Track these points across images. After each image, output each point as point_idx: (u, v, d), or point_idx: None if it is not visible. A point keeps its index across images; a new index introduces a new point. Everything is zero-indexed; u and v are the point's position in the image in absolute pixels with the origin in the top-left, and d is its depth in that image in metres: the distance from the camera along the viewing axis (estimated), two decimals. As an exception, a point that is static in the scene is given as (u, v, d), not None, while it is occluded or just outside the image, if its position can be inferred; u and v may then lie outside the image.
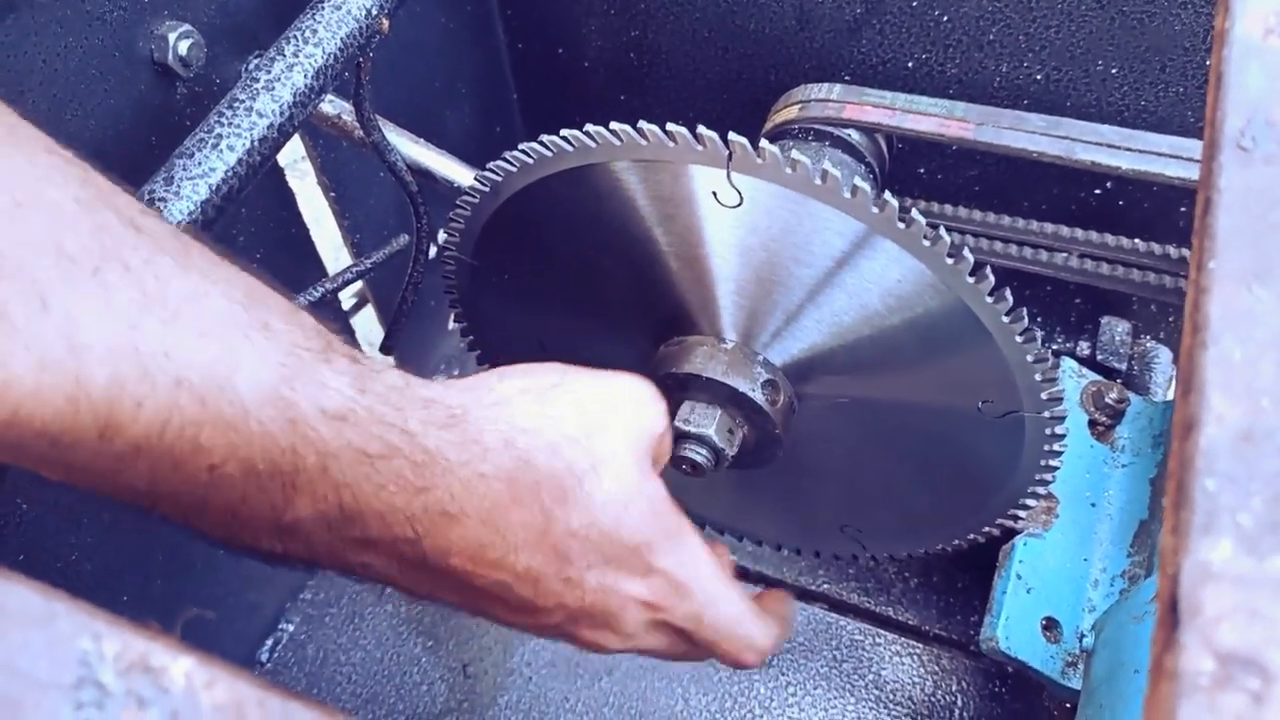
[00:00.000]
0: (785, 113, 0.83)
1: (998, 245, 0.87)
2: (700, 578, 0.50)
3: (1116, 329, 0.92)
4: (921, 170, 0.96)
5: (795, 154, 0.55)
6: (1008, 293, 0.57)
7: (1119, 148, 0.74)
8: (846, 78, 0.91)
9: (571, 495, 0.45)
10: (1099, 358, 0.91)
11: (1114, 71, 0.83)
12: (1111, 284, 0.84)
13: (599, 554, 0.47)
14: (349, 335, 0.92)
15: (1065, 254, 0.85)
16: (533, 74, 1.07)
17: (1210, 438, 0.28)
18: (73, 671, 0.25)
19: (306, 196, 0.83)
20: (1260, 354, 0.29)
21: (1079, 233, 0.85)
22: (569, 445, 0.46)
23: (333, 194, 0.84)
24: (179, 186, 0.51)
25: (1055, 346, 1.00)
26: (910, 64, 0.88)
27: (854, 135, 0.82)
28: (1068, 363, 0.79)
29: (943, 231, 0.55)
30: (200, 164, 0.52)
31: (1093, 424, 0.76)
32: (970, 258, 0.55)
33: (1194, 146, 0.73)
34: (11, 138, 0.34)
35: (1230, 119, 0.35)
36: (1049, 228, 0.86)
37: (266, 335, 0.38)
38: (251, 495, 0.38)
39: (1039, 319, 1.05)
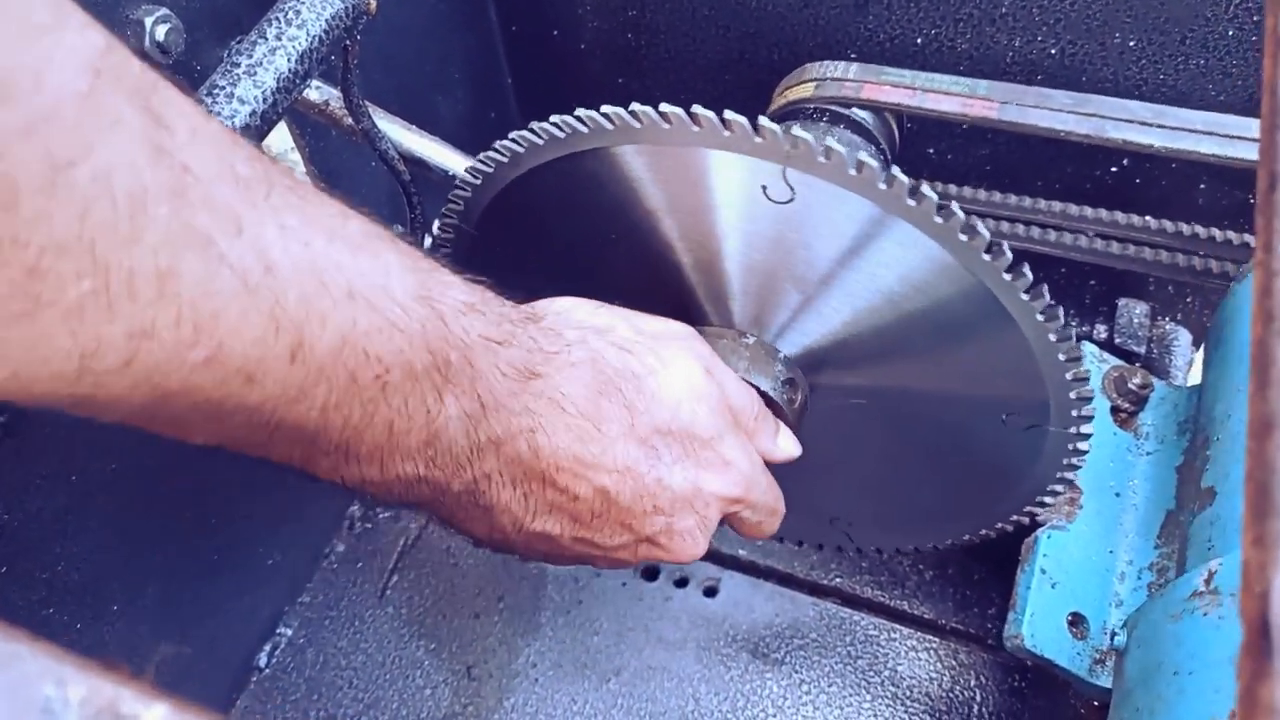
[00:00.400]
0: (797, 91, 0.80)
1: (1012, 227, 0.84)
2: (758, 469, 0.56)
3: (1134, 311, 0.90)
4: (931, 150, 0.93)
5: (797, 131, 0.52)
6: (1027, 269, 0.54)
7: (1151, 125, 0.71)
8: (853, 55, 0.88)
9: (647, 389, 0.49)
10: (1117, 341, 0.88)
11: (1132, 44, 0.80)
12: (1128, 264, 0.82)
13: (681, 448, 0.51)
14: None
15: (1080, 234, 0.82)
16: (527, 57, 1.04)
17: (1294, 437, 0.25)
18: (35, 719, 0.23)
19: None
20: (1343, 343, 0.26)
21: (1094, 212, 0.82)
22: (635, 345, 0.51)
23: (323, 185, 0.81)
24: (157, 178, 0.48)
25: (1075, 331, 0.97)
26: (919, 40, 0.85)
27: (863, 115, 0.79)
28: (1088, 347, 0.77)
29: (956, 208, 0.52)
30: (180, 154, 0.49)
31: (1115, 410, 0.74)
32: (985, 233, 0.52)
33: (1230, 122, 0.70)
34: (153, 78, 0.34)
35: (1295, 82, 0.33)
36: (1063, 207, 0.83)
37: (395, 246, 0.41)
38: (410, 401, 0.41)
39: (1055, 301, 1.02)
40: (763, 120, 0.52)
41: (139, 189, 0.31)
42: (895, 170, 0.52)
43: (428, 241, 0.74)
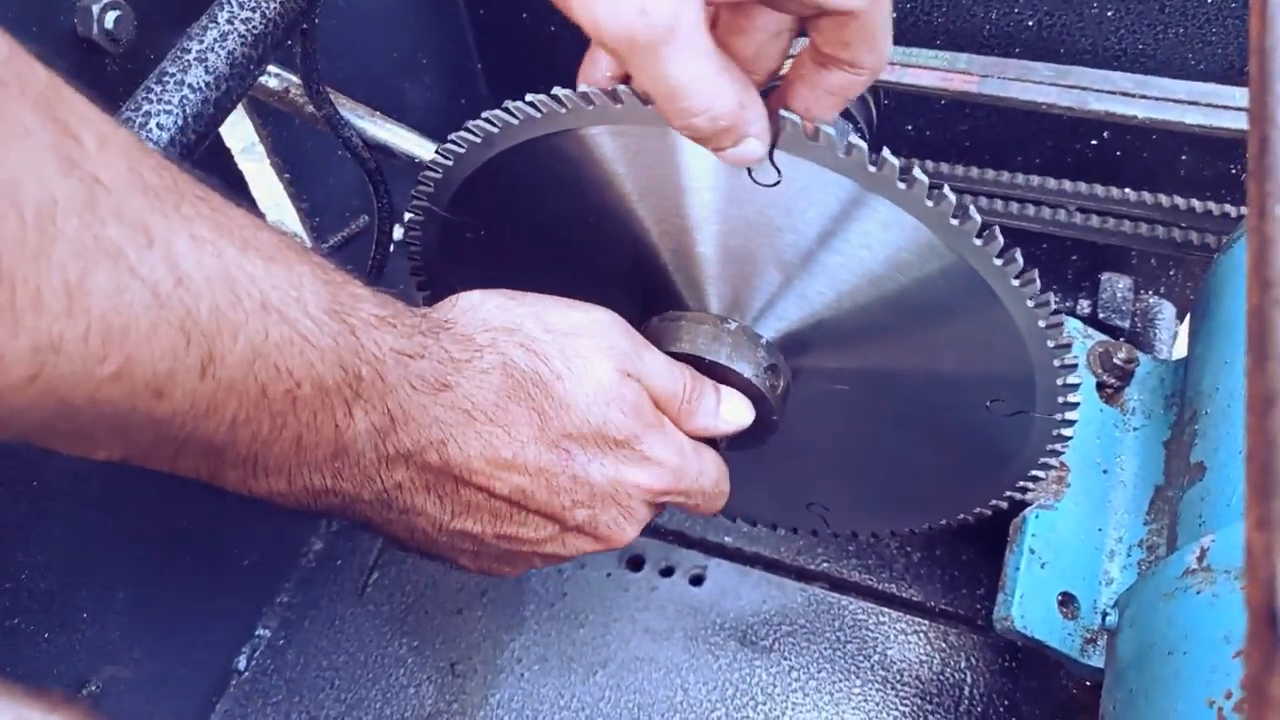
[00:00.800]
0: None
1: (991, 202, 0.83)
2: (687, 457, 0.55)
3: (1117, 285, 0.89)
4: (909, 127, 0.92)
5: (782, 112, 0.50)
6: (1018, 253, 0.53)
7: (1134, 95, 0.70)
8: (827, 31, 0.86)
9: (555, 394, 0.49)
10: (1101, 316, 0.87)
11: (1109, 14, 0.78)
12: (1110, 238, 0.80)
13: (596, 448, 0.50)
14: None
15: (1061, 209, 0.81)
16: (497, 41, 1.01)
17: (1296, 413, 0.24)
18: (-44, 755, 0.21)
19: (261, 180, 0.78)
20: (1344, 312, 0.25)
21: (1075, 185, 0.81)
22: (545, 345, 0.49)
23: (288, 175, 0.79)
24: (105, 171, 0.46)
25: (1058, 306, 0.96)
26: (894, 14, 0.84)
27: (839, 91, 0.78)
28: (1072, 323, 0.75)
29: (948, 190, 0.50)
30: (129, 145, 0.47)
31: (1101, 386, 0.73)
32: (977, 217, 0.51)
33: (1213, 91, 0.69)
34: (58, 85, 0.33)
35: (1282, 44, 0.31)
36: (1043, 181, 0.82)
37: (306, 257, 0.40)
38: (320, 415, 0.41)
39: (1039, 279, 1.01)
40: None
41: (48, 201, 0.30)
42: (886, 152, 0.50)
43: (398, 231, 0.72)
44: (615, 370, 0.51)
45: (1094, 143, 0.86)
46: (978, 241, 0.52)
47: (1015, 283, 0.53)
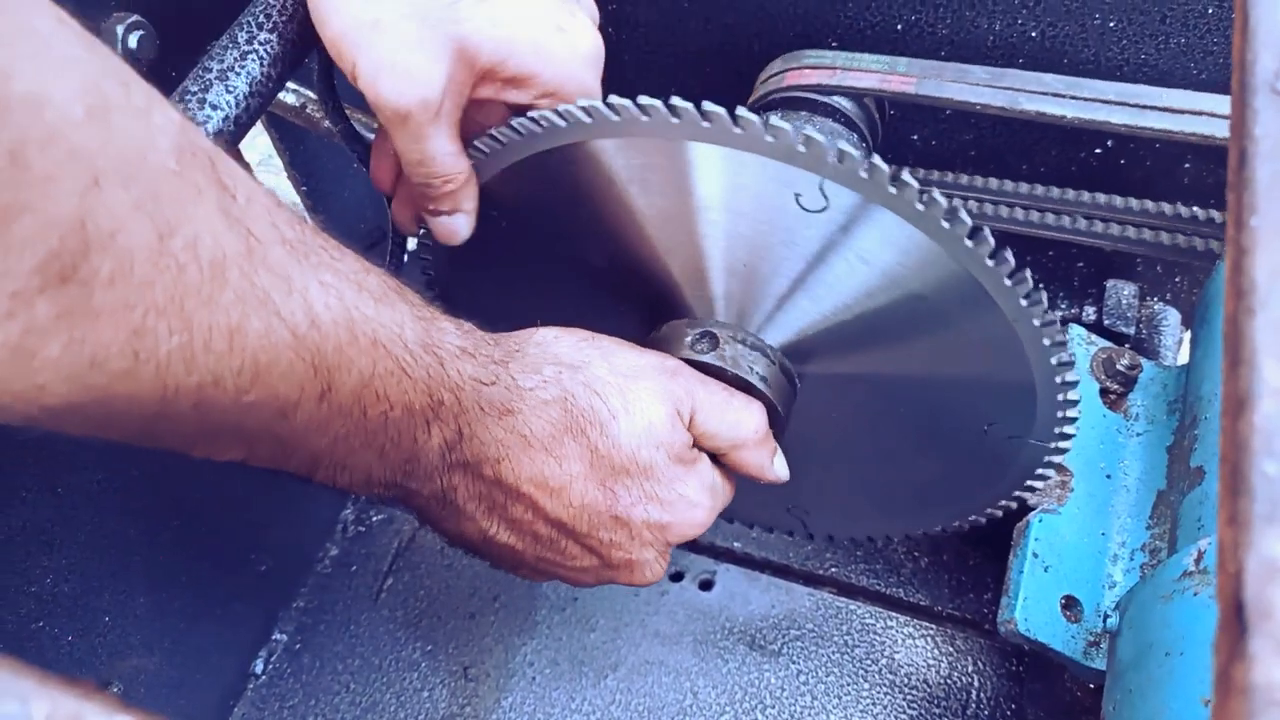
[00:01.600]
0: (767, 85, 0.80)
1: (999, 210, 0.84)
2: (719, 499, 0.58)
3: (1123, 292, 0.89)
4: (915, 136, 0.93)
5: (775, 121, 0.52)
6: (1009, 254, 0.54)
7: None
8: (834, 44, 0.88)
9: (609, 433, 0.52)
10: (1106, 322, 0.88)
11: (1111, 25, 0.79)
12: (1115, 244, 0.81)
13: (641, 490, 0.53)
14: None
15: (1068, 217, 0.82)
16: (508, 55, 1.03)
17: (1267, 415, 0.25)
18: (-1, 738, 0.22)
19: (278, 192, 0.79)
20: (1316, 318, 0.26)
21: (1081, 194, 0.82)
22: (603, 384, 0.52)
23: (304, 188, 0.81)
24: (129, 186, 0.48)
25: (1061, 313, 0.97)
26: (899, 26, 0.85)
27: (844, 102, 0.79)
28: (1075, 330, 0.76)
29: (937, 194, 0.52)
30: (151, 161, 0.49)
31: (1104, 392, 0.74)
32: (967, 220, 0.52)
33: (1200, 100, 0.70)
34: (214, 147, 0.37)
35: (1262, 60, 0.32)
36: (1049, 190, 0.83)
37: (403, 298, 0.45)
38: (404, 432, 0.45)
39: (1041, 285, 1.02)
40: (740, 110, 0.52)
41: (219, 254, 0.34)
42: (875, 158, 0.52)
43: (412, 243, 0.74)
44: (668, 414, 0.54)
45: (1098, 151, 0.87)
46: (969, 243, 0.53)
47: (1008, 283, 0.54)
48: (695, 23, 0.92)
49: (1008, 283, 0.54)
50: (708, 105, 0.53)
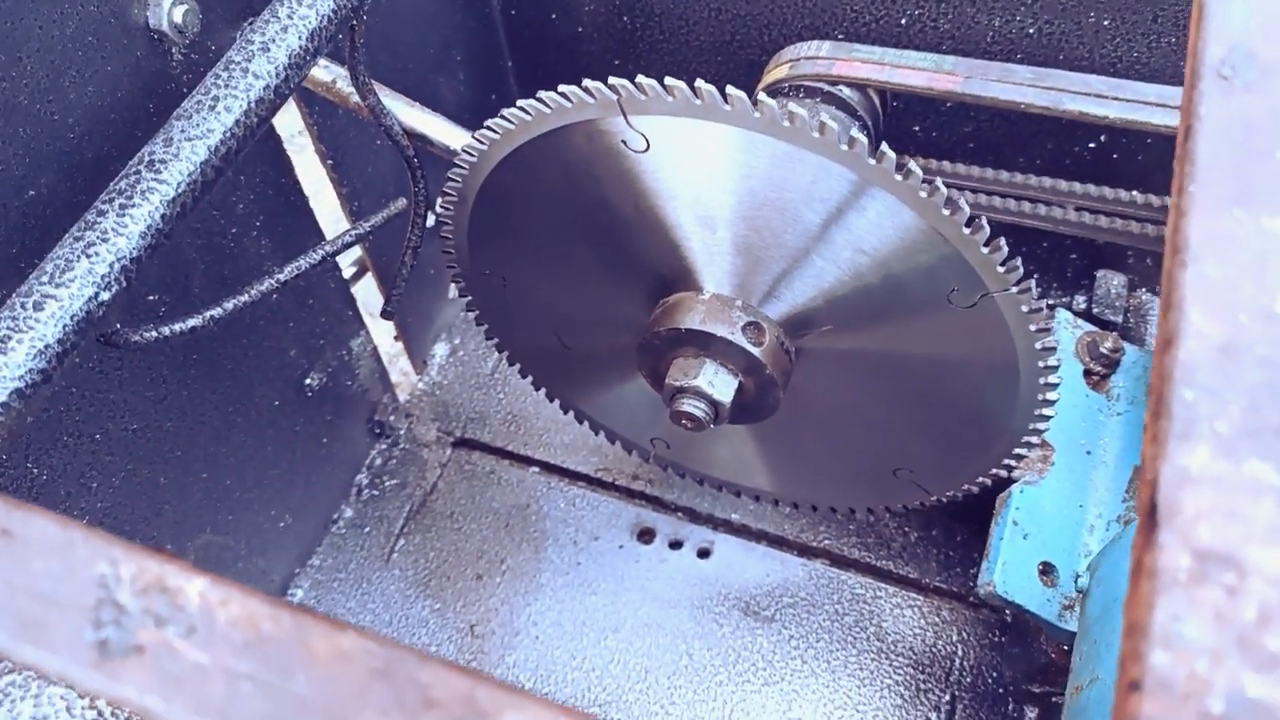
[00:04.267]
0: (776, 72, 0.84)
1: (995, 200, 0.87)
2: None
3: (1112, 282, 0.93)
4: (916, 128, 0.96)
5: (793, 107, 0.55)
6: (1003, 242, 0.57)
7: (1107, 97, 0.74)
8: (840, 35, 0.91)
9: None
10: (1095, 311, 0.91)
11: (1106, 23, 0.83)
12: (1108, 236, 0.85)
13: None
14: (345, 299, 0.93)
15: (1061, 208, 0.85)
16: (527, 40, 1.07)
17: (1190, 351, 0.28)
18: (92, 594, 0.26)
19: (305, 165, 0.83)
20: (1240, 273, 0.30)
21: (1075, 186, 0.85)
22: None
23: (330, 161, 0.85)
24: (178, 148, 0.52)
25: (1052, 300, 1.01)
26: (903, 20, 0.88)
27: (847, 92, 0.83)
28: (1063, 314, 0.80)
29: (939, 183, 0.55)
30: (198, 125, 0.53)
31: (1088, 373, 0.77)
32: (965, 208, 0.56)
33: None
34: None
35: (1211, 48, 0.36)
36: (1045, 181, 0.86)
37: None
38: None
39: (1035, 274, 1.06)
40: (761, 95, 0.56)
41: None
42: (884, 146, 0.55)
43: (430, 219, 0.77)
44: None
45: (1091, 145, 0.91)
46: (967, 230, 0.56)
47: (1000, 269, 0.58)
48: (707, 14, 0.95)
49: (1000, 269, 0.58)
50: (730, 89, 0.56)
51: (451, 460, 1.01)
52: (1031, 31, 0.85)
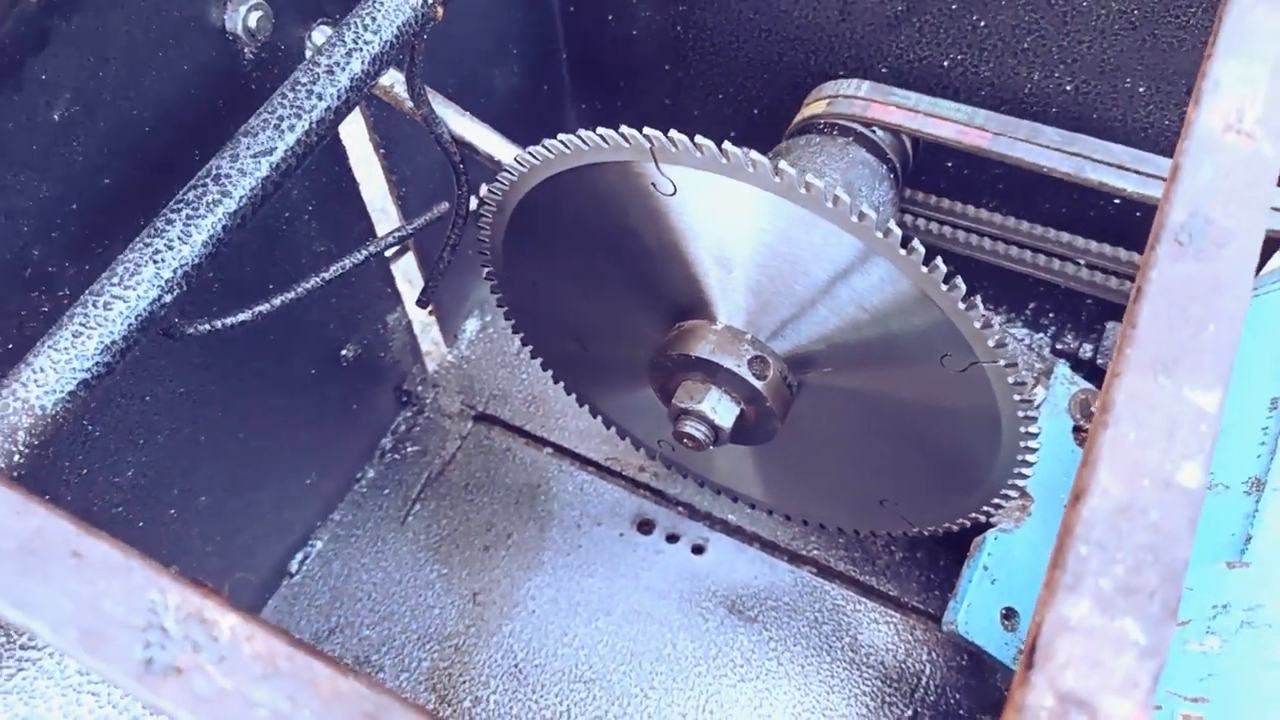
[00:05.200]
0: (814, 106, 0.87)
1: (1012, 250, 0.90)
2: None
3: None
4: (950, 163, 0.99)
5: (810, 178, 0.59)
6: (996, 322, 0.61)
7: (1129, 169, 0.77)
8: (883, 70, 0.94)
9: None
10: (1100, 362, 0.95)
11: (1141, 90, 0.85)
12: (1116, 297, 0.88)
13: None
14: (385, 277, 0.98)
15: (1075, 263, 0.88)
16: (582, 37, 1.10)
17: (1093, 509, 0.33)
18: (143, 616, 0.32)
19: (358, 153, 0.88)
20: (1152, 439, 0.34)
21: (1091, 244, 0.88)
22: None
23: (382, 150, 0.89)
24: (243, 164, 0.56)
25: (1061, 346, 1.04)
26: (945, 63, 0.91)
27: (879, 134, 0.86)
28: (1061, 369, 0.83)
29: (940, 261, 0.59)
30: (263, 143, 0.57)
31: (1077, 430, 0.81)
32: (962, 286, 0.59)
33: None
34: None
35: (1175, 211, 0.40)
36: (1063, 236, 0.89)
37: None
38: None
39: (1051, 314, 1.09)
40: (782, 164, 0.59)
41: None
42: (891, 223, 0.59)
43: (473, 203, 0.82)
44: None
45: (1117, 202, 0.93)
46: (961, 306, 0.60)
47: (991, 344, 0.61)
48: (757, 33, 0.98)
49: (990, 343, 0.61)
50: (754, 154, 0.60)
51: (471, 434, 1.07)
52: (1069, 88, 0.87)
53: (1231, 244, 0.38)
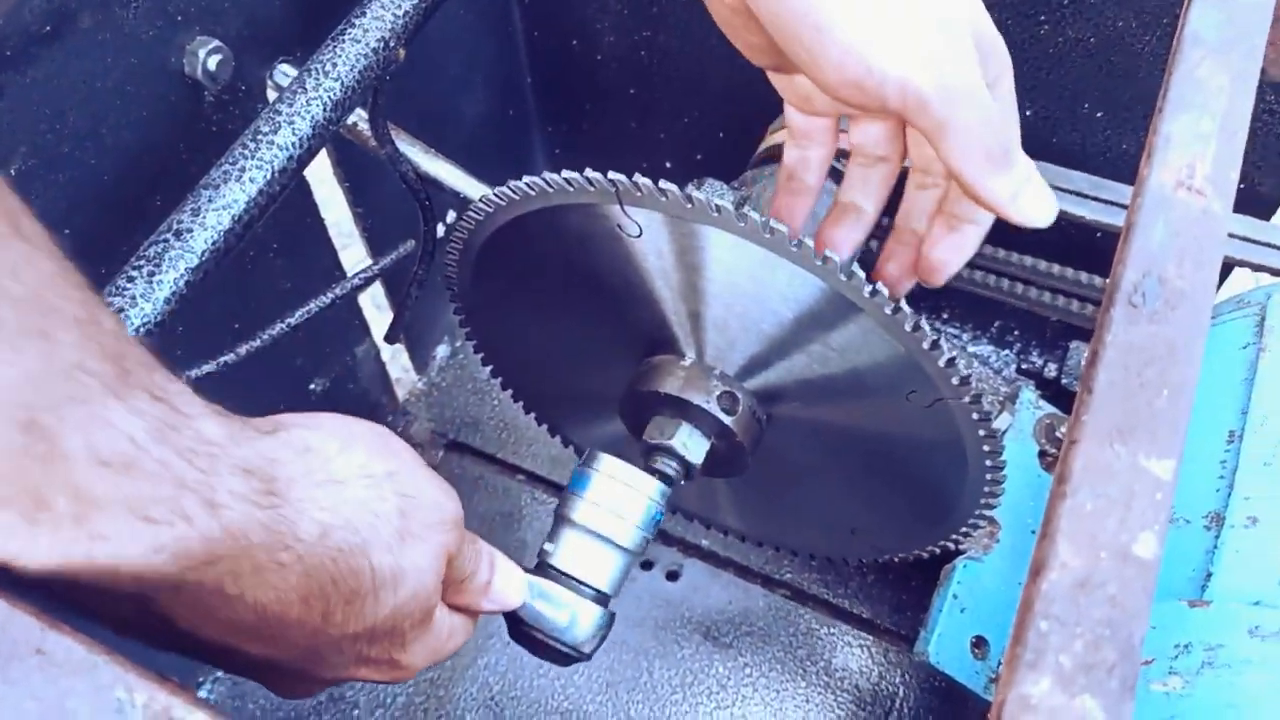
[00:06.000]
0: (778, 135, 0.87)
1: (977, 275, 0.91)
2: (428, 647, 0.50)
3: (1083, 354, 0.97)
4: (913, 187, 1.00)
5: (774, 224, 0.59)
6: (961, 364, 0.62)
7: (1087, 196, 0.78)
8: (846, 96, 0.94)
9: (362, 601, 0.42)
10: (1064, 381, 0.96)
11: (1099, 115, 0.86)
12: (1081, 320, 0.89)
13: (361, 649, 0.45)
14: (353, 309, 0.98)
15: (1038, 288, 0.89)
16: (547, 62, 1.10)
17: (1052, 583, 0.33)
18: (109, 717, 0.31)
19: (322, 189, 0.87)
20: (1109, 508, 0.34)
21: (1054, 267, 0.89)
22: (383, 552, 0.42)
23: (347, 185, 0.89)
24: (204, 217, 0.56)
25: (1026, 365, 1.05)
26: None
27: (844, 163, 0.86)
28: (1026, 394, 0.84)
29: (904, 305, 0.59)
30: (224, 195, 0.57)
31: (1043, 454, 0.82)
32: (928, 330, 0.60)
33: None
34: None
35: (1129, 272, 0.40)
36: (1025, 260, 0.90)
37: (42, 347, 0.31)
38: None
39: (1016, 332, 1.10)
40: (747, 209, 0.59)
41: None
42: (855, 267, 0.59)
43: (441, 230, 0.81)
44: (434, 578, 0.46)
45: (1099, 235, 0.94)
46: (941, 363, 0.61)
47: (955, 381, 0.62)
48: (722, 60, 0.98)
49: (955, 381, 0.62)
50: (717, 200, 0.60)
51: (442, 462, 1.07)
52: (1028, 114, 0.88)
53: (1184, 305, 0.39)
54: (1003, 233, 0.97)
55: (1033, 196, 0.51)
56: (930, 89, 0.46)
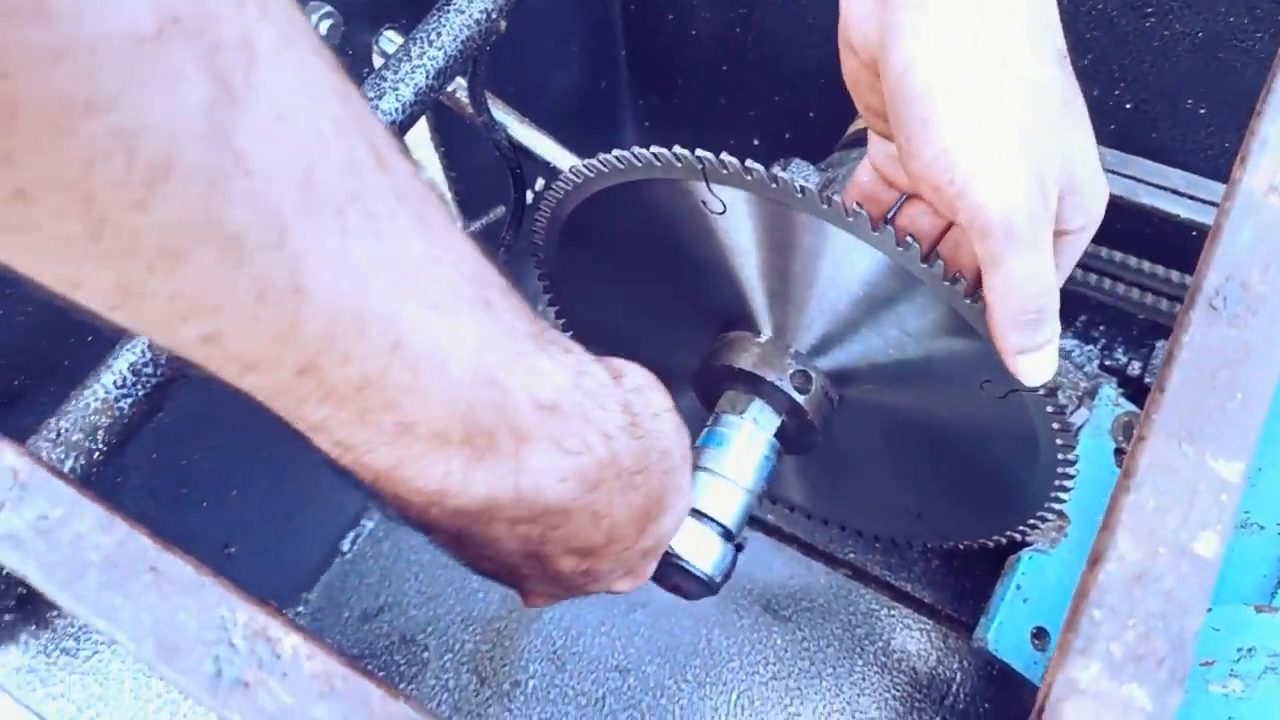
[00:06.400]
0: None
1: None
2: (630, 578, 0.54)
3: (1169, 354, 0.95)
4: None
5: (856, 208, 0.60)
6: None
7: (1183, 194, 0.77)
8: (940, 80, 0.94)
9: (662, 516, 0.49)
10: (1146, 380, 0.94)
11: (1202, 112, 0.84)
12: (1167, 319, 0.87)
13: (638, 563, 0.51)
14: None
15: (1125, 284, 0.88)
16: (642, 36, 1.11)
17: (1109, 573, 0.34)
18: (214, 632, 0.35)
19: (419, 149, 0.90)
20: (1171, 505, 0.35)
21: (1144, 264, 0.88)
22: (682, 474, 0.50)
23: (442, 150, 0.92)
24: (311, 176, 0.59)
25: (1109, 362, 1.04)
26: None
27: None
28: (1106, 390, 0.83)
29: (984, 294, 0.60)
30: (330, 156, 0.60)
31: (1119, 452, 0.81)
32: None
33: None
34: (287, 42, 0.30)
35: (1211, 275, 0.40)
36: (1115, 255, 0.89)
37: (489, 314, 0.36)
38: (431, 455, 0.37)
39: (1101, 327, 1.08)
40: (832, 193, 0.60)
41: (164, 162, 0.27)
42: (936, 254, 0.60)
43: (530, 197, 0.84)
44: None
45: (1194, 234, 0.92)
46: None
47: (1041, 393, 0.62)
48: (816, 38, 0.98)
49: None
50: (801, 181, 0.61)
51: (519, 423, 1.10)
52: (1129, 107, 0.87)
53: (1264, 311, 0.39)
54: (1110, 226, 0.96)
55: (1038, 358, 0.54)
56: (997, 224, 0.47)
